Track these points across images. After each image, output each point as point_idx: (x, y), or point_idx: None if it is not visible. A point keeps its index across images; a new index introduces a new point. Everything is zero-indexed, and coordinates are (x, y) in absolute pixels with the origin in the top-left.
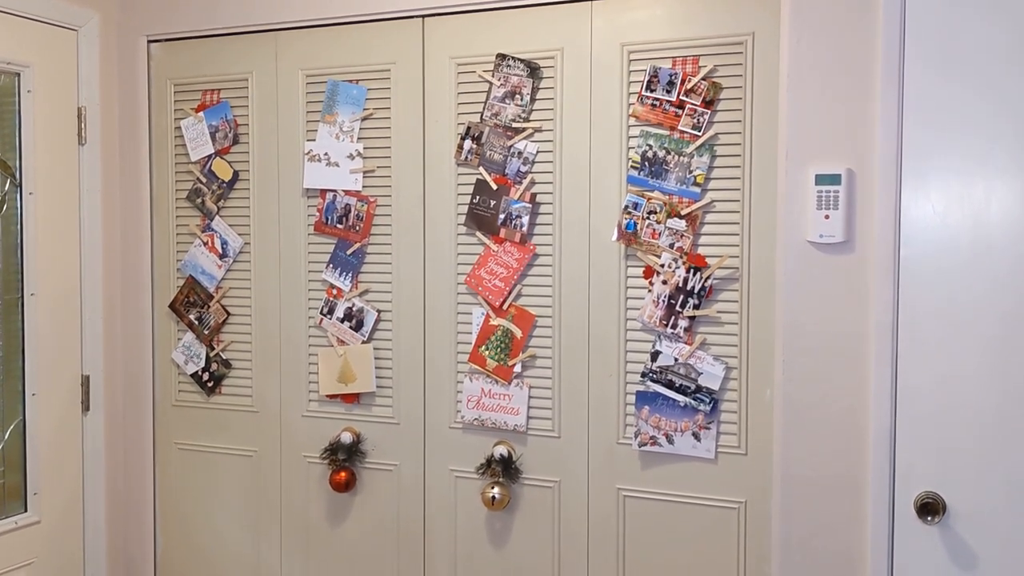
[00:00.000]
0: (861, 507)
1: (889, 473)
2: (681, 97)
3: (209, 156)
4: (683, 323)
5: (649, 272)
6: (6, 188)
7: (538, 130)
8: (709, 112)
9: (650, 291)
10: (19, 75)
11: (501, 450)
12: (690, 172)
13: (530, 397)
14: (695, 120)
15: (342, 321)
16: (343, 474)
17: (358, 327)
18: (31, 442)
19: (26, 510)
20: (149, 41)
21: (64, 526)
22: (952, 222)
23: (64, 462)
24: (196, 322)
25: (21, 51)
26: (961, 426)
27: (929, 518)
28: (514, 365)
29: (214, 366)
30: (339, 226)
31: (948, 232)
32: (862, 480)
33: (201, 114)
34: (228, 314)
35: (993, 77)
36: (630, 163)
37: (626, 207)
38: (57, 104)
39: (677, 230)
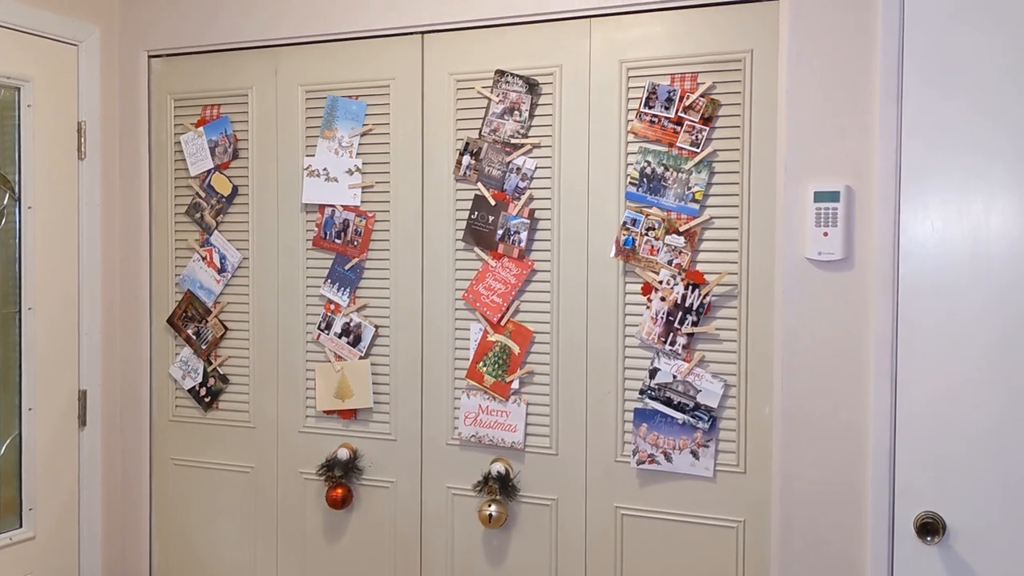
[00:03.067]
0: (861, 527)
1: (889, 492)
2: (679, 114)
3: (208, 171)
4: (681, 340)
5: (647, 288)
6: (5, 202)
7: (537, 146)
8: (707, 129)
9: (648, 308)
10: (19, 89)
11: (498, 467)
12: (688, 188)
13: (528, 414)
14: (693, 137)
15: (340, 336)
16: (339, 490)
17: (356, 342)
18: (27, 457)
19: (21, 526)
20: (150, 56)
21: (60, 542)
22: (951, 238)
23: (60, 477)
24: (194, 337)
25: (22, 65)
26: (961, 444)
27: (929, 538)
28: (512, 381)
29: (211, 381)
30: (337, 241)
31: (947, 248)
32: (862, 499)
33: (201, 129)
34: (226, 329)
35: (992, 93)
36: (628, 179)
37: (624, 223)
38: (57, 118)
39: (675, 246)
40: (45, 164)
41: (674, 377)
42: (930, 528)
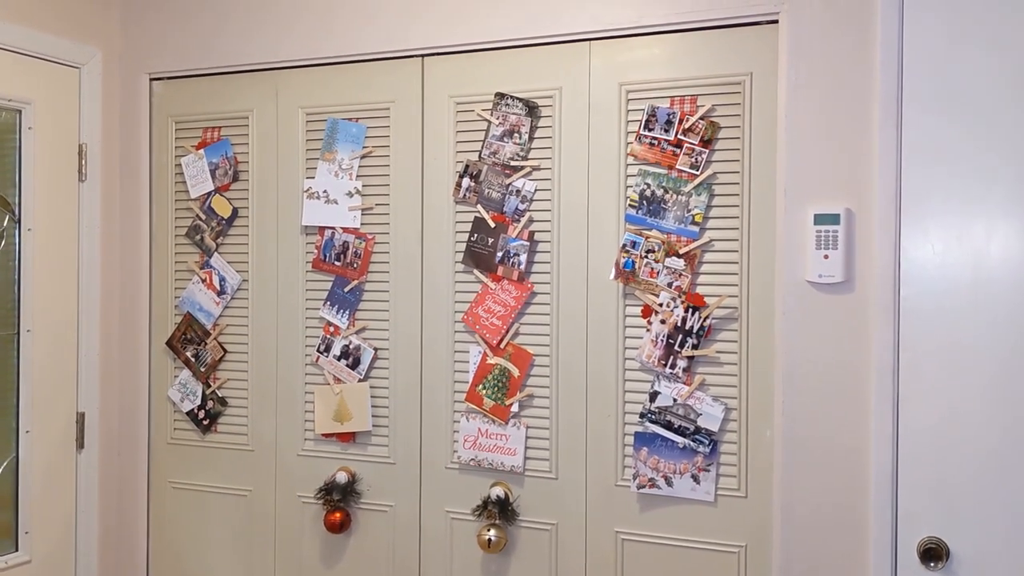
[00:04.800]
0: (863, 552)
1: (891, 517)
2: (679, 136)
3: (209, 193)
4: (682, 363)
5: (647, 311)
6: (5, 224)
7: (536, 168)
8: (707, 151)
9: (648, 330)
10: (20, 112)
11: (498, 491)
12: (688, 211)
13: (527, 437)
14: (693, 159)
15: (339, 359)
16: (338, 515)
17: (355, 365)
18: (23, 480)
19: (17, 549)
20: (151, 79)
21: (55, 566)
22: (952, 262)
23: (57, 500)
24: (193, 359)
25: (23, 88)
26: (964, 468)
27: (932, 564)
28: (511, 404)
29: (210, 404)
30: (337, 263)
31: (948, 272)
32: (864, 524)
33: (201, 151)
34: (225, 351)
35: (992, 115)
36: (628, 202)
37: (624, 246)
38: (58, 141)
39: (675, 269)
40: (45, 186)
41: (674, 400)
42: (933, 554)
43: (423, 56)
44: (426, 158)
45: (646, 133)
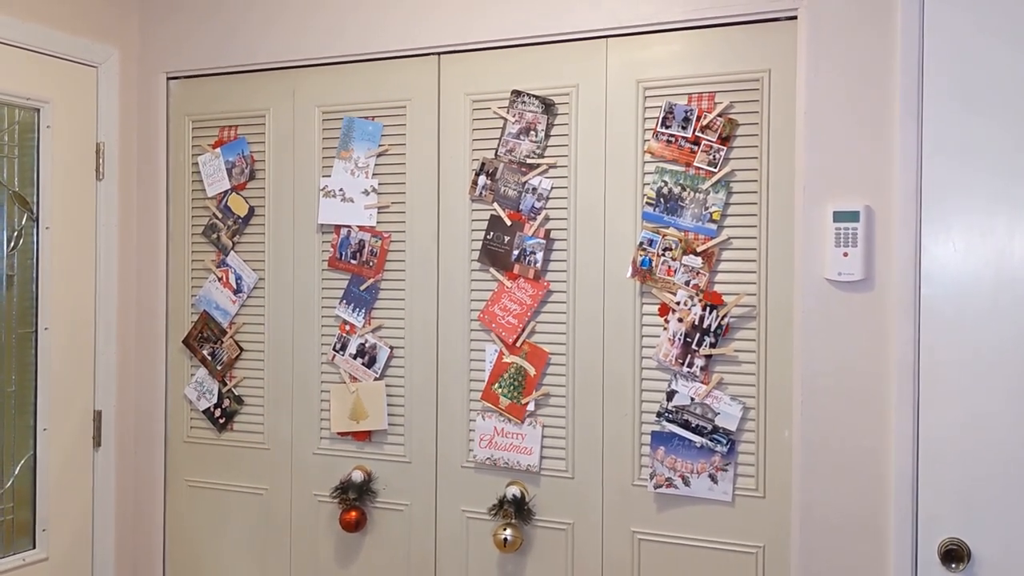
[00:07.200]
0: (883, 553)
1: (912, 518)
2: (697, 133)
3: (225, 192)
4: (699, 362)
5: (664, 309)
6: (23, 222)
7: (553, 166)
8: (725, 148)
9: (666, 329)
10: (39, 111)
11: (514, 490)
12: (706, 208)
13: (543, 436)
14: (711, 156)
15: (355, 357)
16: (353, 513)
17: (370, 363)
18: (41, 477)
19: (34, 547)
20: (168, 77)
21: (72, 564)
22: (974, 260)
23: (74, 498)
24: (209, 357)
25: (41, 87)
26: (986, 470)
27: (954, 565)
28: (527, 403)
29: (226, 402)
30: (353, 262)
31: (970, 270)
32: (884, 525)
33: (218, 150)
34: (241, 350)
35: (1015, 111)
36: (645, 199)
37: (641, 244)
38: (76, 139)
39: (693, 267)
40: (63, 185)
41: (692, 399)
42: (955, 555)
43: (439, 54)
44: (442, 156)
45: (663, 130)
